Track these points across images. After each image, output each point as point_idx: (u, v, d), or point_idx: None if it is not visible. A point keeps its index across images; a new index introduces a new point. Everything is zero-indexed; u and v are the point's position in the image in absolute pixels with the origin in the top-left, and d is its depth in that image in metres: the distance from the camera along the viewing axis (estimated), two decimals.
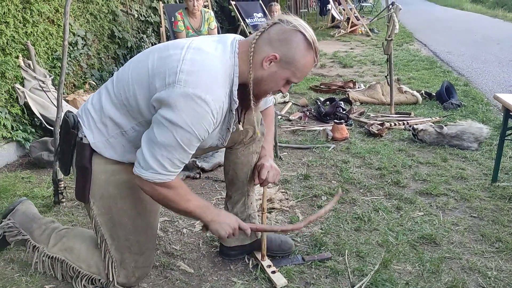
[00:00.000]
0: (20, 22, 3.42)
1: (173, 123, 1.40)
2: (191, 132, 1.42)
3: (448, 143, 3.34)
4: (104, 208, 1.67)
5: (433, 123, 3.71)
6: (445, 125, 3.44)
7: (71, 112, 1.66)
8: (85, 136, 1.59)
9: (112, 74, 4.79)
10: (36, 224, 1.91)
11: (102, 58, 4.85)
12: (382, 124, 3.71)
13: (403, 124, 3.80)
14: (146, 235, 1.74)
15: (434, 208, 2.45)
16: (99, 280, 1.76)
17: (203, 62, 1.44)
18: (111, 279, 1.74)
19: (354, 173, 2.90)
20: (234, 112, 1.57)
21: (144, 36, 5.85)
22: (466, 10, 19.06)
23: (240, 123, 1.67)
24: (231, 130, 1.64)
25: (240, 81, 1.52)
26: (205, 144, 1.64)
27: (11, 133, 3.22)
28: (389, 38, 3.93)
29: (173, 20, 4.80)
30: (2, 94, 3.18)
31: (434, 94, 4.67)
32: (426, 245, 2.10)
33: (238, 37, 1.59)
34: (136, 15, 5.82)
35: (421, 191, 2.64)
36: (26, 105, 3.35)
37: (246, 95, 1.53)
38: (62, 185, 2.48)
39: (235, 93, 1.52)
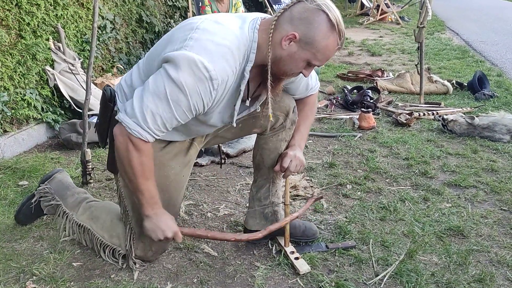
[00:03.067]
0: (50, 5, 3.47)
1: (169, 76, 1.38)
2: (183, 91, 1.39)
3: (479, 134, 3.25)
4: None
5: (464, 113, 3.61)
6: (476, 116, 3.34)
7: (110, 86, 1.69)
8: (119, 109, 1.61)
9: (140, 59, 4.84)
10: (70, 192, 2.01)
11: (130, 42, 4.89)
12: (410, 114, 3.63)
13: (433, 114, 3.71)
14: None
15: (462, 200, 2.39)
16: (119, 252, 1.82)
17: (214, 33, 1.42)
18: (129, 251, 1.79)
19: (380, 163, 2.85)
20: (242, 89, 1.52)
21: (172, 21, 5.87)
22: None
23: (266, 105, 1.60)
24: (236, 109, 1.58)
25: (259, 59, 1.48)
26: (208, 119, 1.58)
27: (41, 115, 3.29)
28: (421, 25, 3.82)
29: (200, 5, 4.79)
30: (33, 76, 3.25)
31: (466, 84, 4.53)
32: (453, 237, 2.05)
33: (263, 15, 1.56)
34: (164, 0, 5.84)
35: (450, 182, 2.58)
36: (56, 87, 3.41)
37: (266, 74, 1.49)
38: (90, 166, 2.53)
39: (248, 68, 1.48)
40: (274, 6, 7.15)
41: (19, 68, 3.11)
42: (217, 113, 1.57)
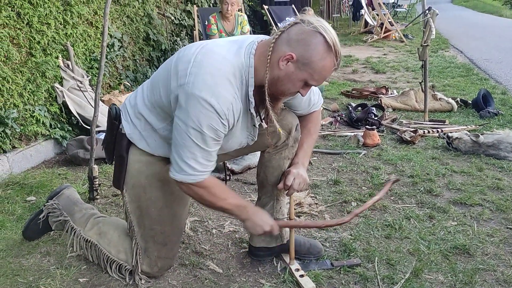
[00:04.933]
0: (60, 24, 3.55)
1: (186, 124, 1.48)
2: (202, 132, 1.48)
3: (484, 152, 3.25)
4: (134, 196, 1.75)
5: (469, 131, 3.62)
6: (481, 134, 3.35)
7: (115, 105, 1.75)
8: (123, 127, 1.69)
9: (146, 76, 4.91)
10: (77, 208, 2.04)
11: (137, 60, 4.96)
12: (415, 131, 3.64)
13: (437, 131, 3.72)
14: (171, 227, 1.79)
15: (468, 218, 2.39)
16: (125, 268, 1.84)
17: (210, 65, 1.47)
18: (135, 266, 1.80)
19: (385, 180, 2.86)
20: (253, 112, 1.58)
21: (178, 39, 5.96)
22: (504, 17, 18.50)
23: (263, 122, 1.67)
24: (257, 127, 1.67)
25: (258, 82, 1.53)
26: (232, 143, 1.67)
27: (49, 131, 3.33)
28: (425, 44, 3.86)
29: (206, 23, 4.87)
30: (42, 93, 3.30)
31: (470, 102, 4.54)
32: (459, 255, 2.05)
33: (260, 38, 1.60)
34: (171, 18, 5.94)
35: (455, 200, 2.58)
36: (64, 104, 3.46)
37: (263, 95, 1.54)
38: (97, 183, 2.55)
39: (251, 93, 1.54)
40: (279, 24, 7.24)
41: (28, 85, 3.17)
42: (235, 136, 1.65)
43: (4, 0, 2.95)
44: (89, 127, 2.97)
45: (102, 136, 3.15)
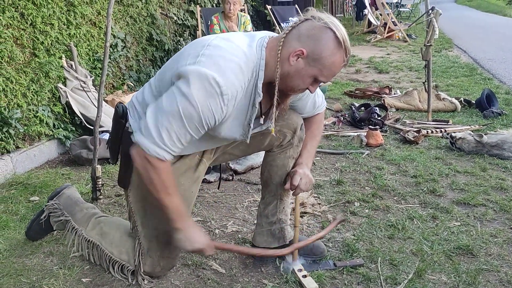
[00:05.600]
0: (64, 24, 3.56)
1: (182, 93, 1.42)
2: (195, 107, 1.42)
3: (487, 152, 3.24)
4: (139, 196, 1.74)
5: (472, 131, 3.60)
6: (485, 134, 3.33)
7: (122, 103, 1.74)
8: (130, 125, 1.65)
9: (149, 76, 4.92)
10: (78, 207, 2.03)
11: (140, 60, 4.97)
12: (418, 131, 3.63)
13: (441, 131, 3.71)
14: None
15: (471, 218, 2.38)
16: (128, 268, 1.83)
17: (225, 50, 1.46)
18: (138, 266, 1.80)
19: (388, 180, 2.85)
20: (257, 107, 1.56)
21: (181, 39, 5.96)
22: (509, 16, 18.43)
23: (271, 121, 1.64)
24: (251, 126, 1.62)
25: (267, 76, 1.52)
26: (220, 132, 1.60)
27: (52, 131, 3.34)
28: (428, 44, 3.85)
29: (209, 23, 4.87)
30: (46, 93, 3.31)
31: (474, 102, 4.53)
32: (463, 256, 2.04)
33: (271, 33, 1.60)
34: (174, 19, 5.94)
35: (458, 200, 2.57)
36: (68, 104, 3.47)
37: (273, 90, 1.53)
38: (100, 183, 2.56)
39: (260, 86, 1.52)
40: (282, 24, 7.24)
41: (32, 85, 3.18)
42: (226, 128, 1.59)
43: (8, 1, 2.96)
44: (92, 127, 2.97)
45: (105, 136, 3.16)
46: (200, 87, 1.40)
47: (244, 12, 5.99)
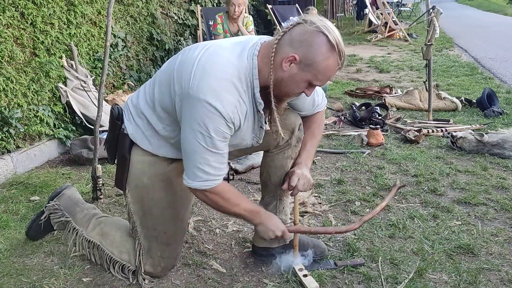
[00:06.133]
0: (64, 24, 3.55)
1: (192, 129, 1.48)
2: (210, 136, 1.48)
3: (488, 151, 3.24)
4: (137, 196, 1.75)
5: (473, 130, 3.60)
6: (485, 133, 3.33)
7: (117, 105, 1.75)
8: (125, 127, 1.69)
9: (150, 76, 4.93)
10: (79, 208, 2.03)
11: (141, 60, 4.97)
12: (419, 131, 3.63)
13: (441, 131, 3.70)
14: (174, 227, 1.79)
15: (472, 217, 2.37)
16: (128, 268, 1.83)
17: (214, 68, 1.47)
18: (138, 266, 1.81)
19: (389, 180, 2.85)
20: (262, 112, 1.58)
21: (182, 38, 5.96)
22: (509, 16, 18.41)
23: (267, 124, 1.66)
24: (264, 128, 1.66)
25: (262, 82, 1.52)
26: (240, 143, 1.66)
27: (53, 131, 3.34)
28: (429, 43, 3.84)
29: (212, 22, 4.87)
30: (46, 92, 3.31)
31: (475, 101, 4.53)
32: (463, 255, 2.04)
33: (263, 39, 1.58)
34: (175, 18, 5.94)
35: (459, 200, 2.57)
36: (68, 104, 3.47)
37: (269, 96, 1.54)
38: (101, 182, 2.56)
39: (258, 95, 1.53)
40: (282, 23, 7.24)
41: (32, 85, 3.18)
42: (243, 137, 1.65)
43: (8, 0, 2.96)
44: (92, 127, 2.97)
45: (105, 135, 3.15)
46: (202, 116, 1.46)
47: (246, 13, 5.99)
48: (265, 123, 1.68)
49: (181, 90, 1.49)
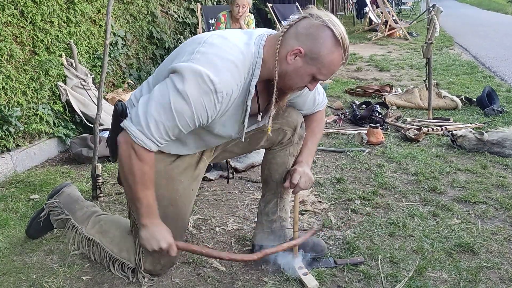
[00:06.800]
0: (64, 22, 3.55)
1: (175, 87, 1.42)
2: (188, 102, 1.42)
3: (488, 150, 3.23)
4: None
5: (473, 129, 3.60)
6: (485, 132, 3.33)
7: (121, 101, 1.73)
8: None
9: (150, 74, 4.91)
10: (79, 206, 2.03)
11: (141, 58, 4.96)
12: (419, 129, 3.63)
13: (442, 129, 3.70)
14: (175, 225, 1.77)
15: (472, 216, 2.37)
16: (128, 266, 1.83)
17: (221, 48, 1.45)
18: (138, 264, 1.80)
19: (389, 178, 2.84)
20: (248, 104, 1.54)
21: (182, 37, 5.95)
22: (509, 14, 18.39)
23: (259, 116, 1.63)
24: (245, 124, 1.60)
25: (264, 74, 1.51)
26: (214, 128, 1.60)
27: (53, 129, 3.34)
28: (429, 41, 3.83)
29: (216, 21, 4.86)
30: (46, 91, 3.31)
31: (475, 100, 4.52)
32: (463, 253, 2.04)
33: (269, 31, 1.59)
34: (175, 16, 5.93)
35: (459, 198, 2.56)
36: (68, 102, 3.47)
37: (272, 89, 1.52)
38: (100, 181, 2.55)
39: (253, 83, 1.51)
40: (283, 22, 7.23)
41: (32, 83, 3.17)
42: (221, 125, 1.59)
43: None
44: (92, 125, 2.96)
45: (105, 134, 3.15)
46: (194, 83, 1.40)
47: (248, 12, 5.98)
48: (259, 113, 1.65)
49: (180, 61, 1.45)
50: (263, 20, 9.33)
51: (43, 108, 3.25)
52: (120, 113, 1.67)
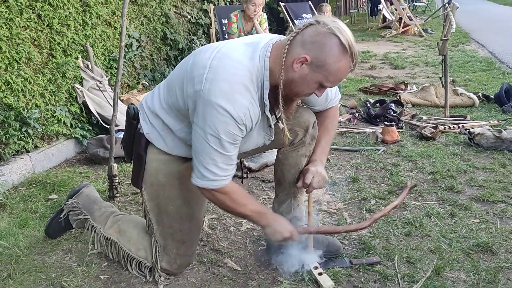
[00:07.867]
0: (80, 25, 3.60)
1: (204, 131, 1.49)
2: (219, 138, 1.49)
3: (507, 148, 3.18)
4: (153, 194, 1.77)
5: (491, 126, 3.54)
6: (504, 129, 3.27)
7: (133, 104, 1.78)
8: (141, 126, 1.71)
9: (164, 75, 4.95)
10: (97, 206, 2.07)
11: (155, 59, 5.00)
12: (435, 127, 3.58)
13: (458, 127, 3.65)
14: (189, 225, 1.81)
15: (491, 215, 2.34)
16: (145, 265, 1.86)
17: (226, 71, 1.47)
18: (155, 263, 1.83)
19: (404, 177, 2.82)
20: (268, 114, 1.58)
21: (195, 38, 5.98)
22: None
23: (279, 122, 1.66)
24: (273, 128, 1.67)
25: (273, 83, 1.53)
26: (249, 144, 1.68)
27: (70, 130, 3.39)
28: (445, 38, 3.79)
29: (227, 21, 4.86)
30: (63, 93, 3.36)
31: (492, 97, 4.45)
32: (482, 253, 2.01)
33: (275, 39, 1.58)
34: (188, 17, 5.96)
35: (477, 197, 2.53)
36: (84, 104, 3.52)
37: (278, 96, 1.54)
38: (117, 181, 2.58)
39: (266, 96, 1.54)
40: (295, 21, 7.21)
41: (50, 86, 3.22)
42: (252, 138, 1.66)
43: (25, 3, 3.01)
44: (108, 126, 3.00)
45: (121, 135, 3.17)
46: (213, 118, 1.47)
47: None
48: (277, 120, 1.68)
49: (193, 92, 1.50)
50: (275, 19, 9.32)
51: (60, 109, 3.30)
52: (132, 117, 1.74)
